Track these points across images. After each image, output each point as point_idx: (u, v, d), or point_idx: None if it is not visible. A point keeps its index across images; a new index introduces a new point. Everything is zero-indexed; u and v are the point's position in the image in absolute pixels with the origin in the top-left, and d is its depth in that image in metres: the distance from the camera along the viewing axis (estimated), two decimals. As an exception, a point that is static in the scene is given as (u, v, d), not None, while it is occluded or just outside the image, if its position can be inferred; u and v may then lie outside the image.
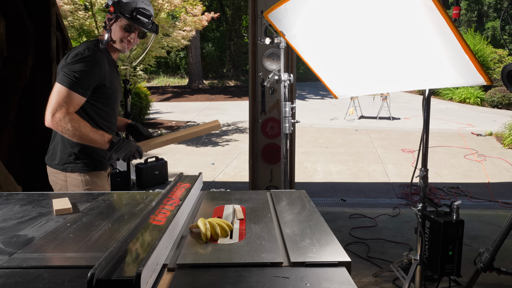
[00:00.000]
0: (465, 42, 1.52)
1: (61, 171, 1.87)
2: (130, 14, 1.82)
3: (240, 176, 5.78)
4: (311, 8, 1.97)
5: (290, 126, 2.61)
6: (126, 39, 1.89)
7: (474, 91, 13.90)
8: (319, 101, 15.51)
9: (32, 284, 0.89)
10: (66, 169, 1.87)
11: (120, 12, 1.80)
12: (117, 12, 1.81)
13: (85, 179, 1.89)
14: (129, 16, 1.82)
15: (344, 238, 3.52)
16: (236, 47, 21.79)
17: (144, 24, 1.87)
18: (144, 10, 1.84)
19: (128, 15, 1.82)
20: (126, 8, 1.81)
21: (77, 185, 1.88)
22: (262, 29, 3.74)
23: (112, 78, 1.92)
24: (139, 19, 1.84)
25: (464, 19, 25.81)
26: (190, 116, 11.86)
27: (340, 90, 2.39)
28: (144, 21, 1.86)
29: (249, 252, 1.06)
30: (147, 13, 1.86)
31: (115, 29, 1.86)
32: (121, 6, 1.81)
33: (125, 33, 1.87)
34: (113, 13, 1.83)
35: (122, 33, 1.87)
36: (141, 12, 1.83)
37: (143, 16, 1.84)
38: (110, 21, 1.85)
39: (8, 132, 3.10)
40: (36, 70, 3.21)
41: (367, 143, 7.99)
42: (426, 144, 2.23)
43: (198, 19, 9.58)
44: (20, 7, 3.07)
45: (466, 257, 2.41)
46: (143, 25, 1.87)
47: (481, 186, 5.24)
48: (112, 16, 1.84)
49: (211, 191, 1.74)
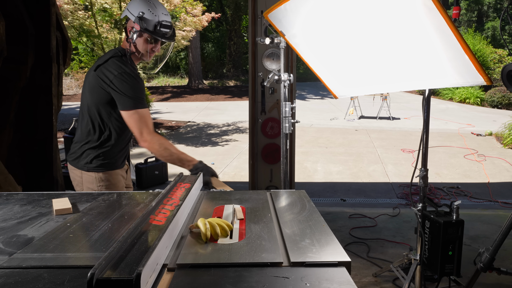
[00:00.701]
0: (465, 42, 1.52)
1: (78, 168, 2.02)
2: (153, 28, 1.90)
3: (240, 176, 5.78)
4: (311, 8, 1.97)
5: (290, 126, 2.61)
6: (150, 50, 1.98)
7: (474, 91, 13.90)
8: (319, 101, 15.51)
9: (32, 284, 0.89)
10: (82, 168, 2.01)
11: (144, 28, 1.89)
12: (142, 29, 1.90)
13: (99, 176, 2.01)
14: (152, 31, 1.90)
15: (344, 238, 3.52)
16: (236, 47, 21.78)
17: (166, 35, 1.95)
18: (166, 22, 1.92)
19: (151, 30, 1.90)
20: (150, 23, 1.90)
21: (91, 182, 2.01)
22: (262, 29, 3.74)
23: None
24: (162, 32, 1.92)
25: (464, 19, 25.82)
26: (190, 116, 11.86)
27: (340, 90, 2.39)
28: (167, 32, 1.95)
29: (249, 252, 1.06)
30: (168, 24, 1.94)
31: (139, 42, 1.96)
32: (145, 22, 1.89)
33: (150, 45, 1.97)
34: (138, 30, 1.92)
35: (146, 46, 1.97)
36: (164, 25, 1.91)
37: (165, 28, 1.92)
38: (132, 33, 1.94)
39: (8, 132, 3.10)
40: (36, 70, 3.21)
41: (367, 143, 7.99)
42: (426, 144, 2.23)
43: (198, 19, 9.58)
44: (20, 7, 3.07)
45: (466, 257, 2.41)
46: (165, 37, 1.96)
47: (481, 186, 5.24)
48: (135, 29, 1.93)
49: (211, 191, 1.74)
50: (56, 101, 3.35)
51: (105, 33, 8.85)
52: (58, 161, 3.41)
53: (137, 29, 1.91)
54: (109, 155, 2.02)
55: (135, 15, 1.90)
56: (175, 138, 8.79)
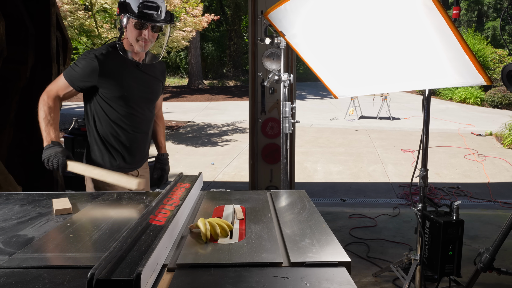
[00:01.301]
0: (465, 42, 1.52)
1: None
2: (137, 11, 1.75)
3: (240, 176, 5.78)
4: (311, 8, 1.97)
5: (290, 126, 2.61)
6: (141, 38, 1.82)
7: (474, 91, 13.90)
8: (319, 101, 15.51)
9: (32, 284, 0.89)
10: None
11: (125, 11, 1.77)
12: (123, 12, 1.78)
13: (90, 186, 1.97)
14: (135, 13, 1.76)
15: (344, 238, 3.52)
16: (236, 47, 21.78)
17: (153, 17, 1.78)
18: (149, 2, 1.76)
19: (132, 12, 1.76)
20: (131, 6, 1.77)
21: (89, 181, 1.97)
22: (262, 29, 3.74)
23: (128, 80, 1.90)
24: (146, 14, 1.76)
25: (464, 19, 25.81)
26: (190, 116, 11.86)
27: (340, 90, 2.39)
28: (153, 14, 1.77)
29: (249, 252, 1.06)
30: (153, 5, 1.77)
31: (129, 30, 1.82)
32: (126, 5, 1.77)
33: (138, 31, 1.81)
34: (120, 15, 1.80)
35: (135, 32, 1.82)
36: (146, 5, 1.75)
37: (150, 9, 1.76)
38: (122, 23, 1.83)
39: (8, 132, 3.10)
40: (36, 70, 3.21)
41: (367, 143, 7.99)
42: (426, 144, 2.23)
43: (198, 20, 9.58)
44: (20, 7, 3.07)
45: (466, 257, 2.41)
46: (152, 19, 1.78)
47: (481, 186, 5.24)
48: (122, 18, 1.81)
49: (211, 191, 1.74)
50: (56, 101, 3.34)
51: (105, 33, 8.86)
52: (58, 161, 3.40)
53: (117, 13, 1.78)
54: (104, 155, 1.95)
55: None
56: (175, 138, 8.79)
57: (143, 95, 1.99)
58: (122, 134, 1.95)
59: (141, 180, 1.70)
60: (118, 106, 1.91)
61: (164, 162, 2.26)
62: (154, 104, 2.11)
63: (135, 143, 2.01)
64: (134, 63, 1.92)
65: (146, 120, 2.05)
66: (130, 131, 1.97)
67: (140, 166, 2.11)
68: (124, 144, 1.97)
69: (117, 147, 1.96)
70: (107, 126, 1.93)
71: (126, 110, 1.93)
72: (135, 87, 1.94)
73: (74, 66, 1.84)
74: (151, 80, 2.02)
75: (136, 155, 2.04)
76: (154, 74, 2.03)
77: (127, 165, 2.01)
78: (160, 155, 2.27)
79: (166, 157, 2.28)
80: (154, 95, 2.07)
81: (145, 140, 2.08)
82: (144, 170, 2.16)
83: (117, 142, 1.95)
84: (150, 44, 1.88)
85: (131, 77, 1.92)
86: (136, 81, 1.94)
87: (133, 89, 1.93)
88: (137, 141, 2.01)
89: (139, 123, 2.00)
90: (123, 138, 1.96)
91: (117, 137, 1.95)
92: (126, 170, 2.00)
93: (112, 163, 1.96)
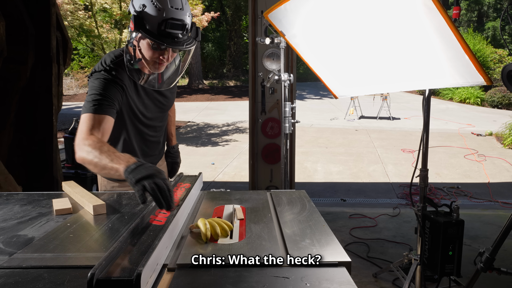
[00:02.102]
0: (465, 42, 1.52)
1: None
2: (157, 29, 1.37)
3: (240, 176, 5.78)
4: (311, 8, 1.97)
5: (290, 126, 2.61)
6: (155, 59, 1.46)
7: (474, 91, 13.90)
8: (319, 101, 15.51)
9: (32, 284, 0.89)
10: None
11: (142, 29, 1.37)
12: (139, 30, 1.38)
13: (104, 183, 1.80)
14: (155, 33, 1.37)
15: (344, 238, 3.52)
16: (236, 47, 21.79)
17: (177, 37, 1.40)
18: (175, 20, 1.37)
19: (152, 31, 1.38)
20: (151, 21, 1.37)
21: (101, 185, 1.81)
22: (262, 29, 3.74)
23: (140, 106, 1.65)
24: (169, 34, 1.38)
25: (464, 19, 25.81)
26: (190, 116, 11.86)
27: (340, 90, 2.39)
28: (178, 34, 1.39)
29: (249, 252, 1.06)
30: (179, 23, 1.38)
31: (143, 47, 1.45)
32: (145, 19, 1.37)
33: (155, 52, 1.44)
34: (134, 32, 1.40)
35: (150, 53, 1.45)
36: (171, 24, 1.36)
37: (174, 29, 1.37)
38: (130, 34, 1.45)
39: (8, 132, 3.10)
40: (36, 70, 3.21)
41: (367, 143, 7.99)
42: (426, 144, 2.23)
43: (198, 19, 9.58)
44: (20, 7, 3.07)
45: (466, 257, 2.41)
46: (176, 40, 1.40)
47: (481, 186, 5.24)
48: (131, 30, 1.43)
49: (211, 191, 1.74)
50: (56, 101, 3.35)
51: (105, 33, 8.85)
52: (58, 161, 3.41)
53: (131, 29, 1.39)
54: None
55: (135, 8, 1.39)
56: (175, 138, 8.79)
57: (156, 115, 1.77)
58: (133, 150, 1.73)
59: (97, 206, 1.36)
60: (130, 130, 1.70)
61: (176, 155, 2.11)
62: (166, 120, 1.90)
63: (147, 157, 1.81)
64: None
65: (158, 137, 1.84)
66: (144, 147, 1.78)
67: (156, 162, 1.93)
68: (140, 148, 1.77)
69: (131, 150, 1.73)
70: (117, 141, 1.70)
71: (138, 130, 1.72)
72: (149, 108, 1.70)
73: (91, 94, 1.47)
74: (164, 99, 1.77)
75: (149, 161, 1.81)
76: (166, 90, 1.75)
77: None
78: (170, 148, 2.08)
79: (177, 148, 2.11)
80: (166, 114, 1.87)
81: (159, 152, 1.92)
82: (160, 164, 1.99)
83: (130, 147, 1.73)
84: (165, 65, 1.53)
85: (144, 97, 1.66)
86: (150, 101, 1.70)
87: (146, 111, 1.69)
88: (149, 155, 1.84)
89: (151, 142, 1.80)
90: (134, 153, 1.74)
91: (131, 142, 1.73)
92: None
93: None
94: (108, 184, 1.81)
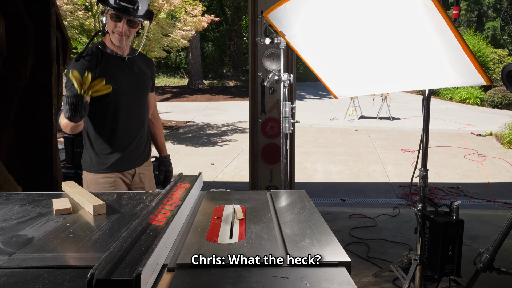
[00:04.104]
0: (465, 42, 1.52)
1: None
2: (113, 2, 1.76)
3: (240, 176, 5.78)
4: (311, 8, 1.97)
5: (290, 126, 2.61)
6: (116, 30, 1.83)
7: (474, 91, 13.90)
8: (319, 101, 15.51)
9: (32, 284, 0.89)
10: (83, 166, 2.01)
11: (102, 1, 1.77)
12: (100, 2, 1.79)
13: (88, 178, 1.98)
14: (112, 4, 1.76)
15: (344, 238, 3.52)
16: (236, 47, 21.78)
17: (129, 10, 1.78)
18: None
19: (111, 4, 1.77)
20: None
21: (84, 182, 1.99)
22: (262, 29, 3.74)
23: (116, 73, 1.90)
24: (122, 6, 1.76)
25: (464, 19, 25.81)
26: (190, 116, 11.86)
27: (340, 90, 2.39)
28: (129, 8, 1.78)
29: (249, 252, 1.06)
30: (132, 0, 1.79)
31: (108, 21, 1.84)
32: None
33: (113, 23, 1.82)
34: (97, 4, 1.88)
35: (111, 24, 1.83)
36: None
37: (126, 2, 1.77)
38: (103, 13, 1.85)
39: (8, 132, 3.10)
40: (36, 70, 3.21)
41: (367, 143, 7.99)
42: (426, 144, 2.23)
43: (198, 19, 9.59)
44: (20, 7, 3.07)
45: (466, 257, 2.41)
46: (127, 12, 1.79)
47: (481, 186, 5.24)
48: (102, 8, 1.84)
49: (211, 191, 1.74)
50: (56, 101, 3.35)
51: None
52: (58, 161, 3.41)
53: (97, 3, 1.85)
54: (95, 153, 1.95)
55: None
56: (174, 138, 8.79)
57: (133, 88, 1.98)
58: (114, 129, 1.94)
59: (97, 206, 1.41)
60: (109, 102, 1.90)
61: (168, 164, 2.30)
62: (146, 98, 2.09)
63: (128, 138, 1.99)
64: (119, 57, 1.93)
65: (139, 116, 2.04)
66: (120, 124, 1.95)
67: (140, 165, 2.09)
68: (118, 140, 1.95)
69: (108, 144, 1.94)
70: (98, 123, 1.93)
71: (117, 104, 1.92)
72: (124, 79, 1.93)
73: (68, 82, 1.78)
74: (139, 73, 2.02)
75: (133, 152, 2.02)
76: (141, 67, 2.03)
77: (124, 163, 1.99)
78: (163, 157, 2.29)
79: (168, 158, 2.32)
80: (144, 87, 2.06)
81: (140, 136, 2.05)
82: (146, 168, 2.14)
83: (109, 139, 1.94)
84: (127, 38, 1.87)
85: (118, 70, 1.92)
86: (124, 74, 1.94)
87: (122, 82, 1.92)
88: (129, 136, 2.00)
89: (131, 118, 1.98)
90: (115, 133, 1.94)
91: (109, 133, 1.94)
92: (122, 169, 1.98)
93: (106, 162, 1.95)
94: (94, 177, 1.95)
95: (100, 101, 1.87)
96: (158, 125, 2.28)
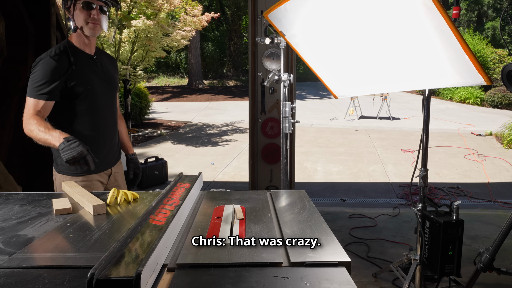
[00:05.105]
0: (465, 42, 1.52)
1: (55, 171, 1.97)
2: None
3: (240, 176, 5.78)
4: (311, 8, 1.97)
5: (290, 126, 2.61)
6: (90, 19, 1.81)
7: (474, 91, 13.90)
8: (319, 101, 15.51)
9: (32, 284, 0.89)
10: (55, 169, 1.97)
11: None
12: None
13: (59, 181, 1.92)
14: None
15: (344, 238, 3.52)
16: (236, 47, 21.79)
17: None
18: None
19: None
20: None
21: (55, 185, 1.96)
22: (262, 29, 3.74)
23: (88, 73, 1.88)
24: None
25: (464, 19, 25.80)
26: (190, 116, 11.86)
27: (340, 90, 2.39)
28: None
29: (249, 252, 1.06)
30: None
31: (77, 15, 1.81)
32: None
33: (86, 12, 1.80)
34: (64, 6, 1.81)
35: (83, 14, 1.80)
36: None
37: None
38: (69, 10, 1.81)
39: (8, 132, 3.10)
40: (36, 70, 3.20)
41: (367, 143, 7.99)
42: (426, 144, 2.23)
43: (198, 19, 9.58)
44: (20, 7, 3.07)
45: (466, 257, 2.42)
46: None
47: (481, 186, 5.24)
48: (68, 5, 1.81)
49: (211, 191, 1.74)
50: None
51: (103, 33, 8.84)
52: (58, 161, 3.41)
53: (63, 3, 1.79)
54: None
55: None
56: (174, 138, 8.79)
57: (105, 88, 1.97)
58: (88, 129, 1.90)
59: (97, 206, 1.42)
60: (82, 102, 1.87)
61: (136, 161, 2.27)
62: (116, 97, 2.09)
63: (104, 138, 1.97)
64: (88, 56, 1.91)
65: (113, 116, 2.04)
66: (96, 126, 1.93)
67: (115, 164, 2.09)
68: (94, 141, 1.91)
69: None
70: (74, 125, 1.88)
71: (92, 105, 1.90)
72: (96, 80, 1.92)
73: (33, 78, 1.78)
74: (108, 73, 2.01)
75: (109, 152, 2.01)
76: (107, 67, 2.02)
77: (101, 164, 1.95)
78: (131, 155, 2.27)
79: (136, 156, 2.30)
80: (114, 86, 2.06)
81: (114, 136, 2.05)
82: (119, 167, 2.14)
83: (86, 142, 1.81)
84: (99, 28, 1.87)
85: (90, 70, 1.90)
86: (96, 74, 1.92)
87: (95, 82, 1.90)
88: (106, 137, 1.98)
89: (106, 119, 1.97)
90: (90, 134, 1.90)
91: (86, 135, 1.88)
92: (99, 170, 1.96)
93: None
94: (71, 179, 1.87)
95: (75, 103, 1.85)
96: (122, 124, 2.25)
